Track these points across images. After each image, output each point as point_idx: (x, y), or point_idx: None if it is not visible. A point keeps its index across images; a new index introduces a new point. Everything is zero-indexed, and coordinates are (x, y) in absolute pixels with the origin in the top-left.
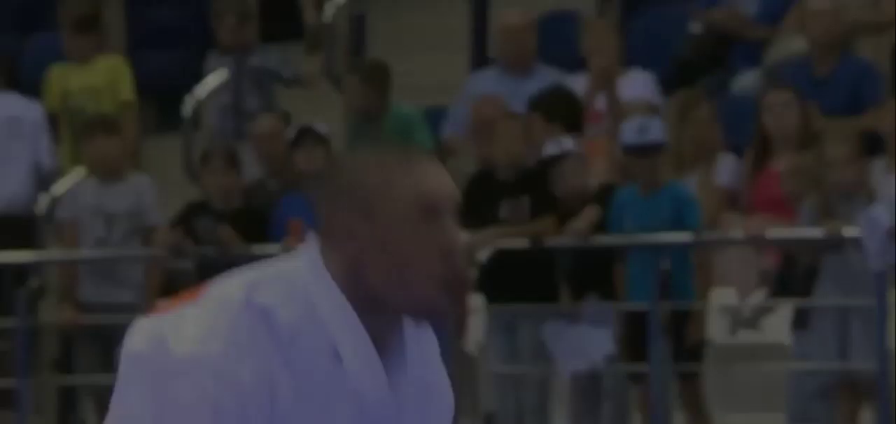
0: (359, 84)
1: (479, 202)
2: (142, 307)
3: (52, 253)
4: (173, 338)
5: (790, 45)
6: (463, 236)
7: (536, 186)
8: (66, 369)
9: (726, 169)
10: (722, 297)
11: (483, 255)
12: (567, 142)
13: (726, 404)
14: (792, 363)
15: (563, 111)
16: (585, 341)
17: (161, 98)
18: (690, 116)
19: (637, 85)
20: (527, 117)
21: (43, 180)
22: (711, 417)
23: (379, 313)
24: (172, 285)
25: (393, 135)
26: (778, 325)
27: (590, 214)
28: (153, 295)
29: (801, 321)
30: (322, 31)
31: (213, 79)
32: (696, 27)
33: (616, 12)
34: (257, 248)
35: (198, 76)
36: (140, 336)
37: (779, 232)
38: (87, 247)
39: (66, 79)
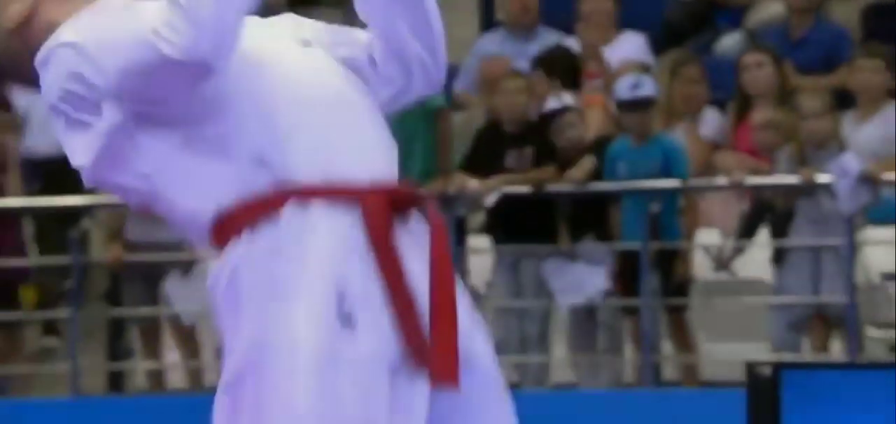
0: None
1: (487, 152)
2: (184, 245)
3: (101, 198)
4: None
5: (769, 9)
6: (472, 183)
7: (539, 138)
8: (114, 302)
9: (711, 122)
10: (706, 237)
11: (490, 200)
12: (566, 98)
13: (710, 334)
14: (770, 297)
15: (562, 69)
16: (583, 278)
17: None
18: (679, 74)
19: (630, 45)
20: (530, 75)
21: None
22: (696, 346)
23: None
24: None
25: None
26: (758, 262)
27: (586, 163)
28: None
29: (778, 258)
30: None
31: None
32: None
33: None
34: None
35: None
36: None
37: (757, 179)
38: None
39: None
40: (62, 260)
